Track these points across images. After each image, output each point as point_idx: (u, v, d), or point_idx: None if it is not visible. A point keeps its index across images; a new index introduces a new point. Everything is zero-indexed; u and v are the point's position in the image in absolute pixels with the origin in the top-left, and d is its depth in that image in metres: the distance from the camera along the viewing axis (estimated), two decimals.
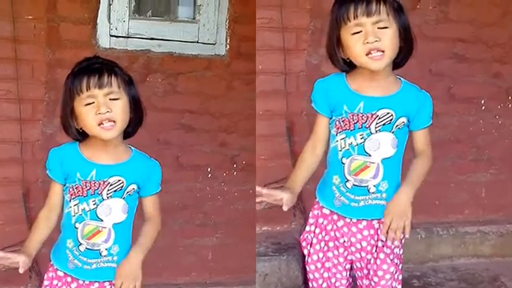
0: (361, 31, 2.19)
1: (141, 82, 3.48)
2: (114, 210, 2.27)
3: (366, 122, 2.26)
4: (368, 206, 2.30)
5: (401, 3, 2.28)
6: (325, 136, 2.37)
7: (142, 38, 3.56)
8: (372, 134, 2.26)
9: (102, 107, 2.20)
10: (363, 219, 2.32)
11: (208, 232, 3.70)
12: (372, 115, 2.26)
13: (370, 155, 2.27)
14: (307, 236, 2.41)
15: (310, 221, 2.42)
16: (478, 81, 3.77)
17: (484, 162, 3.81)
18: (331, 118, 2.34)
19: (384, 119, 2.26)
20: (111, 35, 3.50)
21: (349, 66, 2.31)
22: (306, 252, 2.42)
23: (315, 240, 2.39)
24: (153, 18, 3.63)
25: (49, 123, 3.37)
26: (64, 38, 3.42)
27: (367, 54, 2.20)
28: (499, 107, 3.80)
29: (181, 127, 3.64)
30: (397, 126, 2.27)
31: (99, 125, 2.21)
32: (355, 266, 2.40)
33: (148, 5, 3.64)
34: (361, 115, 2.26)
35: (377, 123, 2.25)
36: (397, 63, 2.29)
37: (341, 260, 2.38)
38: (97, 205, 2.25)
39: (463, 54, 3.74)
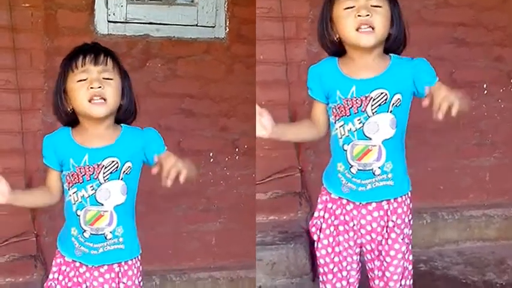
0: (354, 6, 2.20)
1: (141, 67, 3.46)
2: (113, 193, 2.25)
3: (361, 105, 2.25)
4: (376, 188, 2.29)
5: None
6: (322, 122, 2.37)
7: (141, 23, 3.52)
8: (369, 117, 2.24)
9: (95, 82, 2.19)
10: (372, 202, 2.31)
11: (211, 217, 3.68)
12: (366, 98, 2.24)
13: (370, 139, 2.26)
14: (316, 222, 2.40)
15: (319, 206, 2.41)
16: (479, 65, 3.76)
17: (488, 146, 3.81)
18: (327, 104, 2.33)
19: (379, 100, 2.24)
20: (109, 21, 3.47)
21: (339, 51, 2.31)
22: (315, 238, 2.40)
23: (324, 225, 2.37)
24: (151, 2, 3.58)
25: (49, 112, 3.30)
26: (62, 25, 3.39)
27: (357, 30, 2.19)
28: (501, 90, 3.80)
29: (182, 112, 3.62)
30: (393, 104, 2.24)
31: (89, 101, 2.19)
32: (364, 249, 2.38)
33: None
34: (355, 99, 2.25)
35: (372, 106, 2.24)
36: (388, 49, 2.27)
37: (351, 243, 2.37)
38: (95, 190, 2.24)
39: (463, 39, 3.74)
